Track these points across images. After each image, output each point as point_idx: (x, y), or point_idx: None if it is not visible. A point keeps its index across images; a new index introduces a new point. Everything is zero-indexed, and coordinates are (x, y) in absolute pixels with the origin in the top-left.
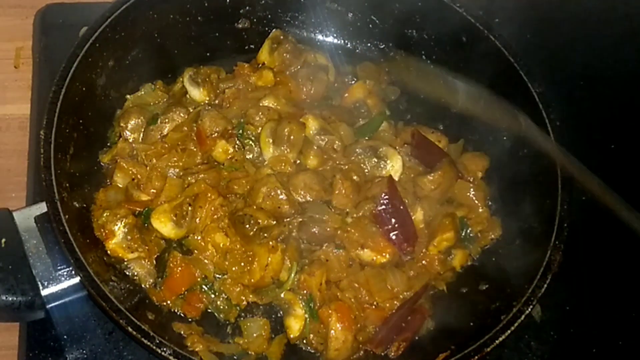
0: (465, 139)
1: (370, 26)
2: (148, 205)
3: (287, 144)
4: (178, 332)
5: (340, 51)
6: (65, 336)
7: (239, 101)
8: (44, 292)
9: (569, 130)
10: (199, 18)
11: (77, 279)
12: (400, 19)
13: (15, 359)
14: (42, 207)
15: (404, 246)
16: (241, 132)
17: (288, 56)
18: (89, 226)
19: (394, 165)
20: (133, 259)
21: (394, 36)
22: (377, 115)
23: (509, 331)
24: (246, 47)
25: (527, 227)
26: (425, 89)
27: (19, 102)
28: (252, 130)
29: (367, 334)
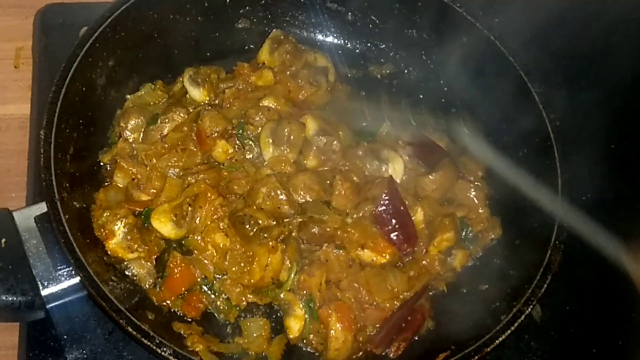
0: None
1: (370, 26)
2: (148, 205)
3: (287, 144)
4: (178, 332)
5: (340, 51)
6: (65, 336)
7: (239, 101)
8: (44, 292)
9: (568, 130)
10: (199, 18)
11: (77, 279)
12: (400, 19)
13: (15, 359)
14: (42, 207)
15: (404, 247)
16: (241, 132)
17: (288, 56)
18: (89, 226)
19: (395, 168)
20: (133, 259)
21: (394, 36)
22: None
23: (509, 331)
24: (246, 47)
25: (527, 227)
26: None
27: (19, 102)
28: (252, 130)
29: (367, 334)
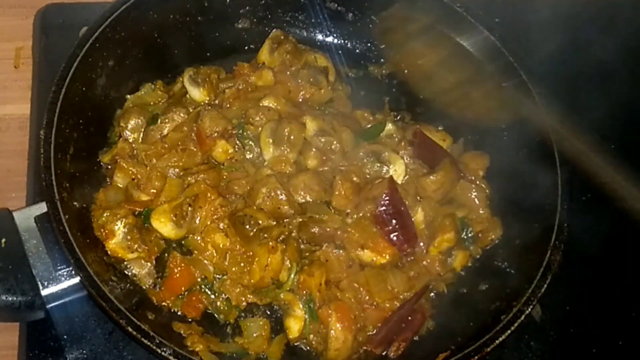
0: (465, 138)
1: (371, 26)
2: (148, 205)
3: (287, 144)
4: (178, 332)
5: (340, 51)
6: (65, 336)
7: (239, 101)
8: (44, 292)
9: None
10: (199, 18)
11: (77, 279)
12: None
13: (15, 359)
14: (42, 207)
15: (404, 247)
16: (241, 132)
17: (288, 56)
18: (89, 226)
19: (396, 169)
20: (133, 259)
21: None
22: (380, 122)
23: (509, 331)
24: (246, 47)
25: (527, 227)
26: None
27: (19, 102)
28: (252, 130)
29: (367, 334)
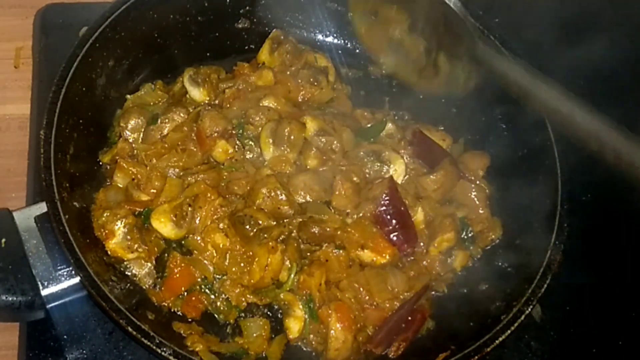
0: (465, 138)
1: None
2: (148, 205)
3: (287, 144)
4: (178, 332)
5: (340, 51)
6: (65, 336)
7: (239, 101)
8: (44, 292)
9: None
10: (199, 18)
11: (77, 279)
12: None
13: (15, 359)
14: (42, 207)
15: (404, 247)
16: (241, 132)
17: (288, 56)
18: (89, 226)
19: (397, 169)
20: (133, 259)
21: None
22: (381, 120)
23: (509, 331)
24: (246, 47)
25: (527, 227)
26: None
27: (19, 102)
28: (252, 130)
29: (367, 334)
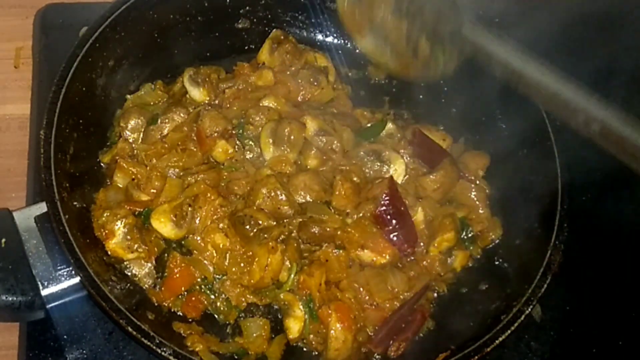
0: (465, 138)
1: None
2: (148, 205)
3: (287, 144)
4: (178, 332)
5: (340, 51)
6: (65, 336)
7: (239, 101)
8: (44, 292)
9: (568, 131)
10: (199, 18)
11: (77, 279)
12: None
13: (15, 359)
14: (42, 207)
15: (404, 247)
16: (241, 132)
17: (288, 56)
18: (89, 226)
19: (397, 169)
20: (133, 259)
21: None
22: (381, 119)
23: (509, 331)
24: (246, 47)
25: (527, 227)
26: None
27: (19, 102)
28: (252, 130)
29: (367, 334)
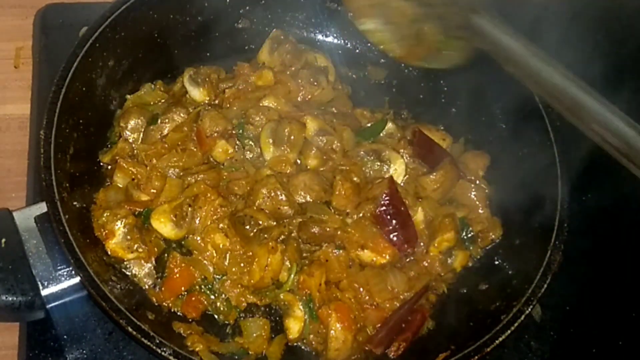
0: (466, 138)
1: None
2: (148, 205)
3: (287, 144)
4: (178, 332)
5: (340, 51)
6: (65, 336)
7: (239, 101)
8: (44, 292)
9: (568, 131)
10: (199, 18)
11: (77, 279)
12: None
13: (15, 359)
14: (42, 207)
15: (404, 247)
16: (241, 132)
17: (288, 56)
18: (89, 226)
19: (397, 169)
20: (133, 259)
21: None
22: (381, 119)
23: (509, 331)
24: (246, 47)
25: (527, 227)
26: None
27: (19, 102)
28: (252, 130)
29: (367, 334)
